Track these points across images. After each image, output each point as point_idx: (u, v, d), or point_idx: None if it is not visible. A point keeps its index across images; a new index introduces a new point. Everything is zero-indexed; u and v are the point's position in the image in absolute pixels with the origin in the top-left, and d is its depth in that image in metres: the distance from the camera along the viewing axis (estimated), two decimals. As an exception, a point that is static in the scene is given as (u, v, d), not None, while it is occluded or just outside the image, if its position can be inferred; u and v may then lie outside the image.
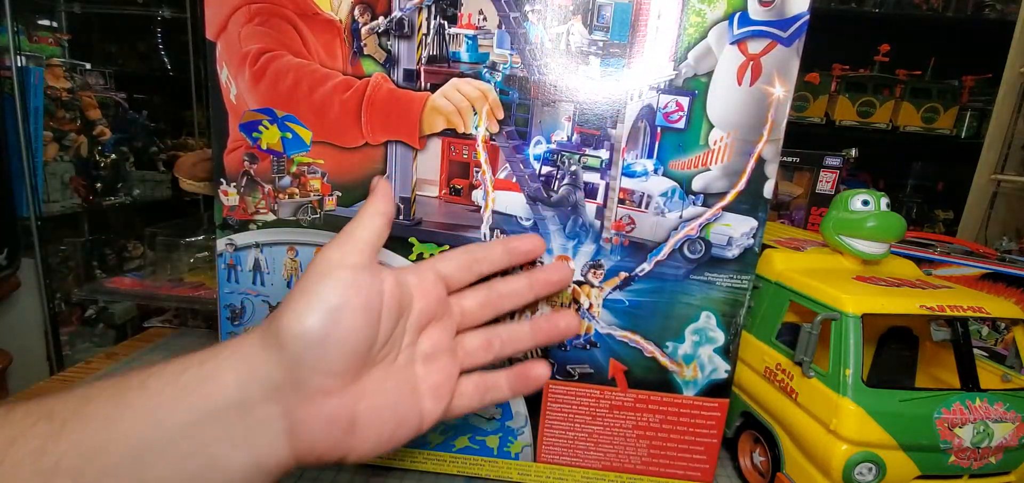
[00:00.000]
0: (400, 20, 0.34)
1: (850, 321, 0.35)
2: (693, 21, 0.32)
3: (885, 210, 0.42)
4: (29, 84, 1.15)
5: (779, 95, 0.33)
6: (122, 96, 1.42)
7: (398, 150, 0.36)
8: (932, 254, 0.61)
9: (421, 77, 0.34)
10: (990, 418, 0.35)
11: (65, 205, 1.30)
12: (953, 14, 1.67)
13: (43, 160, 1.22)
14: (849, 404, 0.35)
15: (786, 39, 0.32)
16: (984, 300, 0.38)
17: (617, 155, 0.35)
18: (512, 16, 0.33)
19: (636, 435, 0.40)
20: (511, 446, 0.41)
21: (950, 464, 0.35)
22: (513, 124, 0.35)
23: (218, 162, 0.37)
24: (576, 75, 0.34)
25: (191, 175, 0.65)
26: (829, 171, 0.74)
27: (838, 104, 1.66)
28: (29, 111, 1.15)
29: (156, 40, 1.74)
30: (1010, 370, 0.40)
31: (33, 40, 1.35)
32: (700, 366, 0.38)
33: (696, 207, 0.35)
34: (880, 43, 1.63)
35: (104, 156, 1.36)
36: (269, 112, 0.35)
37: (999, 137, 1.27)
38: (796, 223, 0.78)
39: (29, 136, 1.14)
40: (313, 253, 0.38)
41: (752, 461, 0.44)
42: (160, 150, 1.54)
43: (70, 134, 1.28)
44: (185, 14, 1.62)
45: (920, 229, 1.63)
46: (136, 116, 1.46)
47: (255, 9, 0.34)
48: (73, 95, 1.28)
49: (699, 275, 0.37)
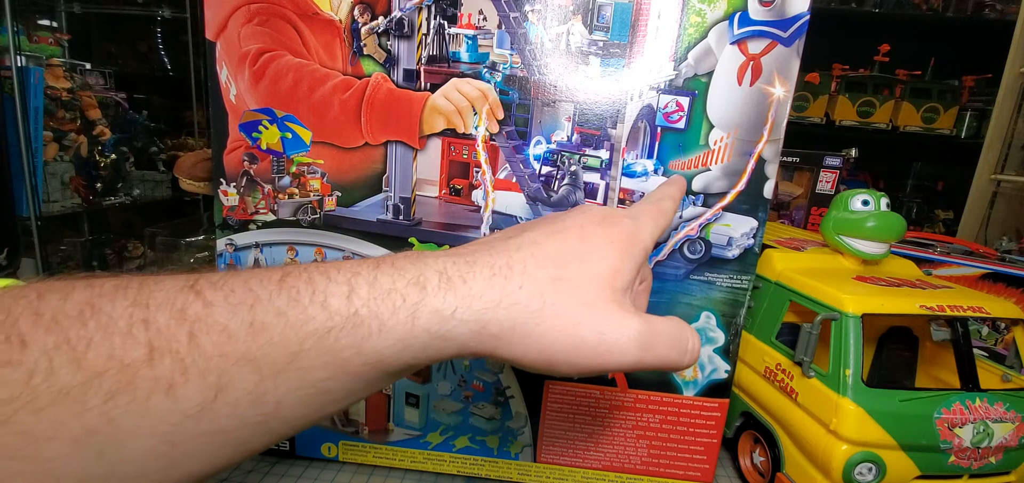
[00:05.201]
0: (400, 20, 0.34)
1: (850, 321, 0.35)
2: (693, 21, 0.32)
3: (885, 210, 0.42)
4: (29, 84, 1.15)
5: (779, 95, 0.33)
6: (122, 96, 1.42)
7: (398, 150, 0.36)
8: (932, 254, 0.61)
9: (421, 77, 0.34)
10: (990, 418, 0.35)
11: (65, 205, 1.30)
12: (953, 14, 1.67)
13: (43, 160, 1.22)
14: (849, 404, 0.35)
15: (786, 39, 0.32)
16: (984, 300, 0.38)
17: (617, 155, 0.35)
18: (512, 16, 0.33)
19: (636, 435, 0.40)
20: (511, 446, 0.41)
21: (950, 464, 0.35)
22: (513, 124, 0.35)
23: (218, 162, 0.37)
24: (576, 75, 0.34)
25: (191, 175, 0.65)
26: (829, 171, 0.74)
27: (838, 104, 1.66)
28: (29, 111, 1.15)
29: (156, 40, 1.74)
30: (1010, 370, 0.40)
31: (33, 40, 1.35)
32: (700, 366, 0.38)
33: (696, 207, 0.35)
34: (880, 43, 1.63)
35: (104, 156, 1.36)
36: (269, 112, 0.35)
37: (999, 137, 1.27)
38: (796, 223, 0.78)
39: (29, 136, 1.14)
40: (313, 253, 0.38)
41: (752, 461, 0.44)
42: (160, 150, 1.54)
43: (70, 134, 1.27)
44: (185, 14, 1.61)
45: (920, 229, 1.63)
46: (136, 116, 1.45)
47: (255, 9, 0.34)
48: (73, 95, 1.28)
49: (699, 275, 0.37)
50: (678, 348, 0.22)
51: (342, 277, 0.18)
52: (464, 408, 0.41)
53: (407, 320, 0.18)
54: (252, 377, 0.16)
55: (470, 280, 0.19)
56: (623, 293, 0.21)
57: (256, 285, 0.17)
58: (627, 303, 0.21)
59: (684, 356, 0.22)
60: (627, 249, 0.22)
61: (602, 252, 0.22)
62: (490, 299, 0.19)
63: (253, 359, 0.16)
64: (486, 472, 0.42)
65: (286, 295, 0.17)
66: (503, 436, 0.41)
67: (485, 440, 0.41)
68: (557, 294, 0.20)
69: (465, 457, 0.42)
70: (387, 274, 0.19)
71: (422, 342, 0.18)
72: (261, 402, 0.16)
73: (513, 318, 0.19)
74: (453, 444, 0.42)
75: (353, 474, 0.42)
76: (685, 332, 0.23)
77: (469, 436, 0.41)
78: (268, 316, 0.16)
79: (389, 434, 0.42)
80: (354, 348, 0.17)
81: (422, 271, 0.19)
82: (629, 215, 0.24)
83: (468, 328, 0.19)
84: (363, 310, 0.17)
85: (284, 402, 0.17)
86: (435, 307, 0.18)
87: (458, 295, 0.19)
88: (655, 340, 0.21)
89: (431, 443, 0.42)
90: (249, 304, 0.16)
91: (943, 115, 1.64)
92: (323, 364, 0.17)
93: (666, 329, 0.22)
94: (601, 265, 0.21)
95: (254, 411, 0.16)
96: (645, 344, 0.21)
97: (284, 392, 0.17)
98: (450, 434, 0.41)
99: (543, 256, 0.21)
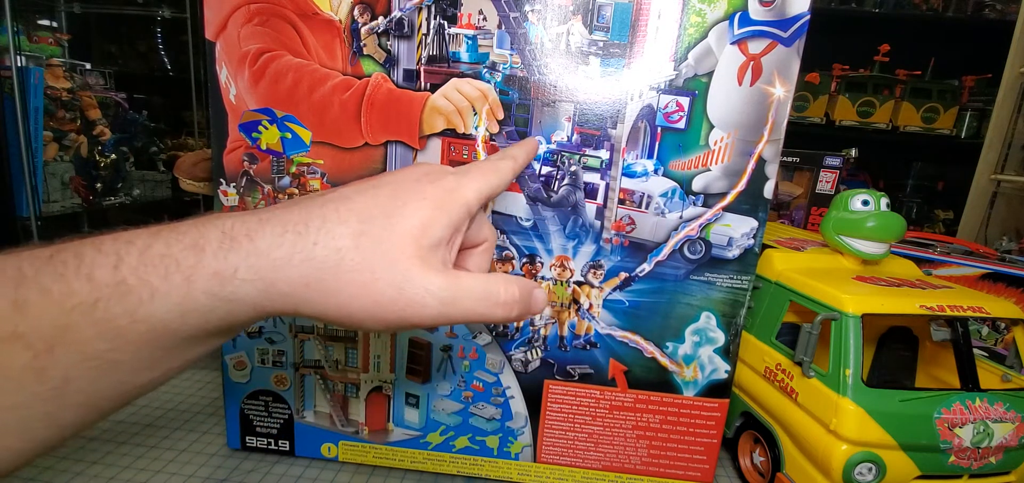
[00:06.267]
0: (400, 20, 0.34)
1: (850, 321, 0.35)
2: (693, 21, 0.32)
3: (885, 210, 0.42)
4: (29, 84, 1.15)
5: (779, 95, 0.33)
6: (122, 96, 1.42)
7: (398, 150, 0.36)
8: (932, 254, 0.61)
9: (421, 77, 0.34)
10: (990, 418, 0.35)
11: (65, 205, 1.30)
12: (953, 14, 1.67)
13: (43, 160, 1.22)
14: (849, 404, 0.35)
15: (786, 39, 0.32)
16: (984, 300, 0.38)
17: (617, 155, 0.35)
18: (512, 16, 0.33)
19: (636, 435, 0.40)
20: (511, 446, 0.41)
21: (950, 464, 0.35)
22: (513, 124, 0.35)
23: (218, 162, 0.37)
24: (576, 75, 0.34)
25: (191, 175, 0.65)
26: (829, 171, 0.74)
27: (838, 104, 1.65)
28: (29, 111, 1.15)
29: (156, 40, 1.74)
30: (1010, 370, 0.40)
31: (33, 40, 1.35)
32: (700, 366, 0.38)
33: (696, 207, 0.35)
34: (880, 43, 1.62)
35: (104, 156, 1.36)
36: (268, 112, 0.35)
37: (999, 137, 1.27)
38: (796, 223, 0.78)
39: (29, 136, 1.14)
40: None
41: (752, 461, 0.44)
42: (160, 150, 1.54)
43: (70, 134, 1.27)
44: (185, 14, 1.62)
45: (920, 229, 1.63)
46: (136, 116, 1.45)
47: (254, 9, 0.34)
48: (73, 95, 1.28)
49: (699, 275, 0.36)
50: (487, 302, 0.22)
51: (112, 247, 0.18)
52: (464, 408, 0.41)
53: (182, 284, 0.18)
54: (25, 353, 0.16)
55: (257, 238, 0.19)
56: (431, 250, 0.21)
57: (25, 264, 0.17)
58: (434, 260, 0.21)
59: (495, 309, 0.22)
60: (442, 205, 0.22)
61: (413, 208, 0.21)
62: (278, 257, 0.19)
63: (21, 336, 0.16)
64: (486, 472, 0.42)
65: (52, 271, 0.17)
66: (503, 436, 0.41)
67: (485, 440, 0.41)
68: (357, 250, 0.20)
69: (465, 457, 0.42)
70: (163, 239, 0.18)
71: (206, 304, 0.18)
72: (44, 376, 0.17)
73: (305, 274, 0.19)
74: (453, 444, 0.42)
75: (353, 474, 0.42)
76: (496, 287, 0.22)
77: (469, 436, 0.41)
78: (31, 293, 0.16)
79: (389, 434, 0.42)
80: (128, 316, 0.17)
81: (203, 232, 0.19)
82: (455, 172, 0.24)
83: (255, 287, 0.19)
84: (131, 278, 0.17)
85: (72, 376, 0.17)
86: (215, 269, 0.18)
87: (241, 254, 0.19)
88: (459, 295, 0.21)
89: (431, 443, 0.42)
90: (16, 283, 0.17)
91: (943, 115, 1.64)
92: (98, 335, 0.17)
93: (474, 285, 0.22)
94: (409, 221, 0.21)
95: (42, 385, 0.17)
96: (448, 300, 0.21)
97: (67, 366, 0.17)
98: (450, 434, 0.41)
99: (347, 211, 0.21)
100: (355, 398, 0.42)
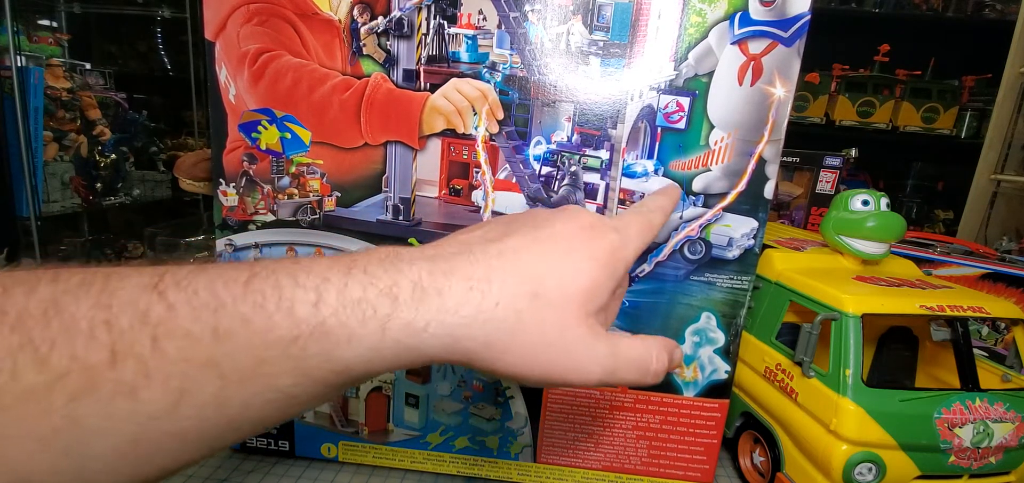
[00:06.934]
0: (399, 20, 0.34)
1: (850, 321, 0.35)
2: (694, 21, 0.32)
3: (885, 210, 0.42)
4: (29, 84, 1.15)
5: (780, 95, 0.33)
6: (122, 96, 1.42)
7: (398, 150, 0.36)
8: (932, 254, 0.61)
9: (421, 77, 0.34)
10: (990, 418, 0.35)
11: (65, 205, 1.30)
12: (953, 14, 1.67)
13: (43, 160, 1.21)
14: (849, 404, 0.35)
15: (787, 39, 0.32)
16: (984, 300, 0.38)
17: (617, 155, 0.35)
18: (512, 16, 0.33)
19: (636, 435, 0.40)
20: (511, 446, 0.41)
21: (950, 464, 0.35)
22: (513, 124, 0.35)
23: (217, 162, 0.37)
24: (576, 75, 0.34)
25: (191, 175, 0.65)
26: (829, 171, 0.74)
27: (838, 104, 1.65)
28: (29, 111, 1.15)
29: (156, 40, 1.74)
30: (1010, 370, 0.40)
31: (33, 40, 1.35)
32: (700, 367, 0.38)
33: (696, 208, 0.35)
34: (880, 43, 1.62)
35: (104, 156, 1.36)
36: (268, 112, 0.35)
37: (999, 137, 1.27)
38: (796, 223, 0.78)
39: (29, 136, 1.14)
40: (313, 254, 0.38)
41: (752, 461, 0.44)
42: (160, 150, 1.54)
43: (70, 134, 1.27)
44: (185, 14, 1.61)
45: (920, 229, 1.63)
46: (136, 116, 1.45)
47: (254, 9, 0.33)
48: (73, 95, 1.28)
49: (699, 276, 0.36)
50: (640, 371, 0.22)
51: (311, 282, 0.17)
52: (464, 408, 0.41)
53: (377, 331, 0.18)
54: (216, 382, 0.16)
55: (446, 293, 0.19)
56: (596, 314, 0.22)
57: (221, 288, 0.17)
58: (597, 325, 0.22)
59: (645, 377, 0.23)
60: (609, 265, 0.22)
61: (583, 267, 0.21)
62: (465, 315, 0.19)
63: (217, 365, 0.16)
64: (486, 472, 0.42)
65: (251, 300, 0.16)
66: (503, 436, 0.41)
67: (485, 440, 0.41)
68: (533, 312, 0.20)
69: (465, 457, 0.42)
70: (358, 281, 0.18)
71: (392, 353, 0.18)
72: (226, 405, 0.16)
73: (487, 334, 0.19)
74: (453, 444, 0.42)
75: (353, 474, 0.42)
76: (650, 355, 0.23)
77: (469, 436, 0.41)
78: (232, 323, 0.16)
79: (389, 434, 0.42)
80: (322, 357, 0.17)
81: (396, 280, 0.19)
82: (616, 228, 0.24)
83: (441, 342, 0.19)
84: (331, 320, 0.17)
85: (251, 404, 0.17)
86: (407, 320, 0.18)
87: (432, 309, 0.19)
88: (619, 365, 0.22)
89: (431, 443, 0.42)
90: (213, 308, 0.16)
91: (943, 115, 1.64)
92: (289, 370, 0.17)
93: (631, 354, 0.22)
94: (579, 283, 0.21)
95: (219, 413, 0.16)
96: (610, 368, 0.21)
97: (250, 395, 0.17)
98: (450, 434, 0.41)
99: (524, 269, 0.21)
100: (355, 398, 0.42)
